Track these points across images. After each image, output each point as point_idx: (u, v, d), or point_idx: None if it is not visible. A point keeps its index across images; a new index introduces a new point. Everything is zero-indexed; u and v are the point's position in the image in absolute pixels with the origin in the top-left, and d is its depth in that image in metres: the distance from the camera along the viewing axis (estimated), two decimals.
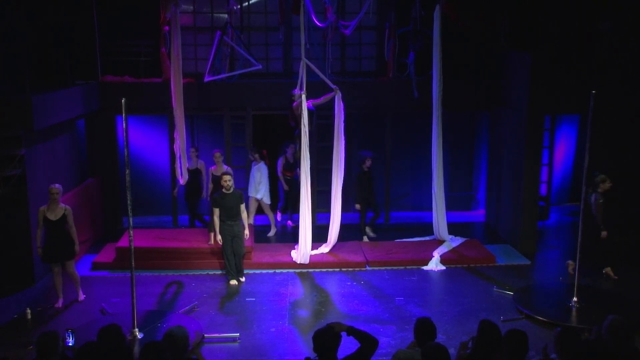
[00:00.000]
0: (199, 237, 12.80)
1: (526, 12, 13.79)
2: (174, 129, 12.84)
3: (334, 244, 12.97)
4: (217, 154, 13.04)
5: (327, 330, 5.74)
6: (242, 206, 11.66)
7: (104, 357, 5.86)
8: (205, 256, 12.13)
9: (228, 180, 11.50)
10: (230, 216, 11.54)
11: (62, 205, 10.53)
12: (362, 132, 16.05)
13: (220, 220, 11.55)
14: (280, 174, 14.40)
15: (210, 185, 13.04)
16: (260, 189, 13.96)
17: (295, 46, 14.98)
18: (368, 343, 5.87)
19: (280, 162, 14.40)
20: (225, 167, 12.63)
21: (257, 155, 13.96)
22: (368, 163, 13.65)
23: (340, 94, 12.31)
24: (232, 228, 11.57)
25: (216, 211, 11.56)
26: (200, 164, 13.84)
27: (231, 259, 11.69)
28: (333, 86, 12.33)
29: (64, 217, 10.46)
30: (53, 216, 10.43)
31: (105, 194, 14.36)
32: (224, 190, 11.52)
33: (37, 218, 10.75)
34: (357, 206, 13.82)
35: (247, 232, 11.90)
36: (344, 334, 5.85)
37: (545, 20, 13.61)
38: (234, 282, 11.70)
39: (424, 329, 6.18)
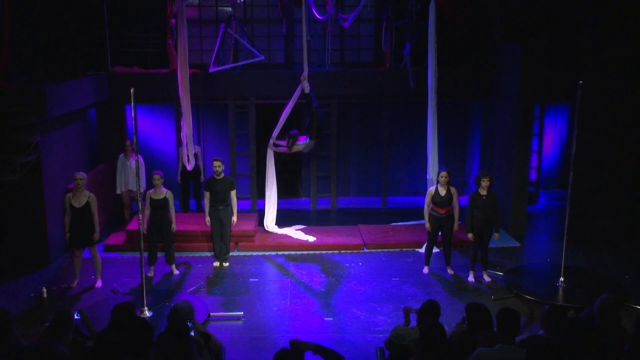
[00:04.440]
0: (204, 220, 12.86)
1: (517, 6, 14.01)
2: (180, 117, 13.07)
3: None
4: (157, 176, 11.37)
5: (291, 351, 5.23)
6: (233, 192, 11.87)
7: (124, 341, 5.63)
8: (211, 239, 12.22)
9: (218, 167, 11.72)
10: (218, 200, 11.78)
11: (86, 192, 10.72)
12: (360, 121, 16.27)
13: (210, 204, 11.85)
14: None
15: (147, 212, 11.32)
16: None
17: (297, 38, 15.17)
18: None
19: None
20: (164, 190, 11.36)
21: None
22: (485, 183, 10.99)
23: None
24: (219, 212, 11.82)
25: (206, 194, 11.86)
26: (197, 149, 13.82)
27: (217, 241, 11.98)
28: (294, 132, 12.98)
29: (87, 204, 10.64)
30: (77, 203, 10.63)
31: (115, 178, 14.40)
32: (214, 175, 11.79)
33: (63, 204, 11.03)
34: (470, 235, 11.19)
35: (234, 218, 12.04)
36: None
37: (535, 13, 13.83)
38: (216, 264, 12.05)
39: (429, 309, 6.49)
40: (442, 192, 11.30)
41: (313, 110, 12.80)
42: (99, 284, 11.07)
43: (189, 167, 12.76)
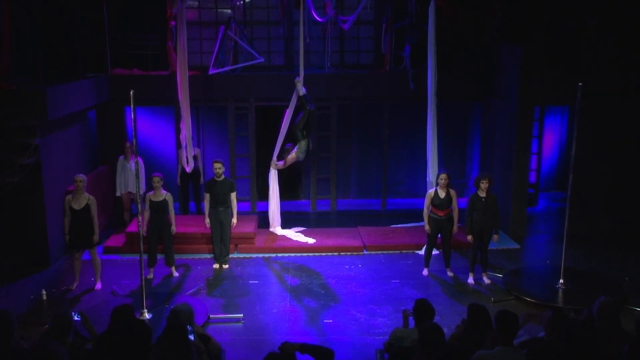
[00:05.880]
0: (204, 222, 12.85)
1: (517, 7, 14.08)
2: (180, 119, 13.11)
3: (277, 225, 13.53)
4: (156, 178, 11.37)
5: (280, 354, 5.35)
6: (233, 194, 11.88)
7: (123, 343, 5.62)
8: (211, 241, 12.22)
9: (218, 169, 11.73)
10: (218, 202, 11.79)
11: (86, 194, 10.71)
12: (360, 123, 16.30)
13: (210, 206, 11.85)
14: None
15: (147, 214, 11.33)
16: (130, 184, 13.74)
17: (296, 40, 15.02)
18: (323, 357, 5.54)
19: None
20: (163, 192, 11.38)
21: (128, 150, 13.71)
22: (484, 185, 11.01)
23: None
24: (219, 214, 11.83)
25: (207, 196, 11.86)
26: (196, 151, 13.88)
27: (217, 243, 12.00)
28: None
29: (87, 206, 10.65)
30: (77, 205, 10.63)
31: (115, 181, 14.37)
32: (214, 177, 11.80)
33: (62, 206, 11.02)
34: (470, 237, 11.19)
35: (234, 220, 12.03)
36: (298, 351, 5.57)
37: (535, 15, 13.88)
38: (216, 265, 12.07)
39: (423, 309, 6.48)
40: (442, 194, 11.32)
41: (307, 109, 12.75)
42: (98, 286, 11.07)
43: (188, 169, 12.82)
